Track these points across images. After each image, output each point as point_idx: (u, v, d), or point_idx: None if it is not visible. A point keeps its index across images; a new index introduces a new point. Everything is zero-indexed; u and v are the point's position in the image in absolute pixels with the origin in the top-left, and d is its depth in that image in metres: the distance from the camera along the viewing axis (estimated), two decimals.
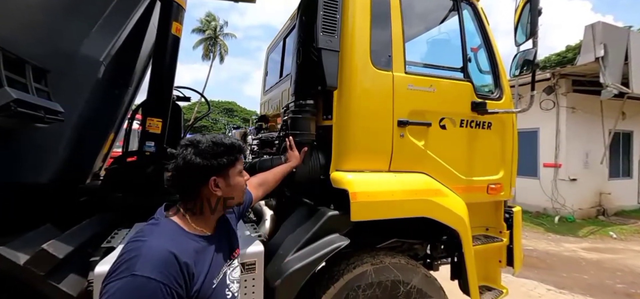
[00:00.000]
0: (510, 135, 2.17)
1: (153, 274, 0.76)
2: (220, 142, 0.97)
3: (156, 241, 0.83)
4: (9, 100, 1.05)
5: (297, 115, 1.81)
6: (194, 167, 0.92)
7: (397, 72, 1.81)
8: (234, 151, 1.00)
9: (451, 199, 1.87)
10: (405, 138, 1.83)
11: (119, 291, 0.74)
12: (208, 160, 0.93)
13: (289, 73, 2.28)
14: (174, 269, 0.80)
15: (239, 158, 1.02)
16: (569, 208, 7.33)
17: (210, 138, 0.97)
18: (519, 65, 1.88)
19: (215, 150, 0.95)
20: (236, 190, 1.01)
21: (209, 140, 0.96)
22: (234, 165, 1.00)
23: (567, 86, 7.51)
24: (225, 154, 0.97)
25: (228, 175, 0.98)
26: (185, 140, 0.98)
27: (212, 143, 0.96)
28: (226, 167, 0.97)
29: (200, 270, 0.88)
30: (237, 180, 1.01)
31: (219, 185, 0.96)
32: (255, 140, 3.08)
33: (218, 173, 0.96)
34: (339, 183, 1.69)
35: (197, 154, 0.93)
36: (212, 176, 0.95)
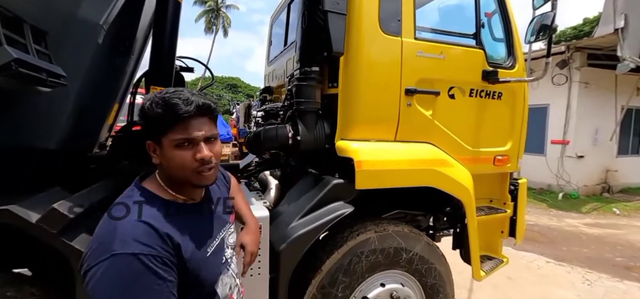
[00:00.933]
0: (521, 106, 2.11)
1: (137, 249, 0.68)
2: (159, 100, 0.78)
3: (131, 211, 0.74)
4: (9, 59, 1.03)
5: (302, 82, 1.77)
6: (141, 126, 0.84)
7: (406, 38, 1.74)
8: (170, 113, 0.77)
9: (457, 169, 1.85)
10: (413, 107, 1.79)
11: (105, 276, 0.66)
12: (144, 120, 0.81)
13: (294, 41, 2.21)
14: (154, 239, 0.72)
15: (174, 126, 0.78)
16: (574, 184, 7.31)
17: (159, 94, 0.80)
18: (535, 30, 1.79)
19: (150, 109, 0.78)
20: (173, 164, 0.81)
21: (156, 97, 0.79)
22: (166, 134, 0.79)
23: (582, 60, 7.23)
24: (158, 116, 0.77)
25: (161, 144, 0.80)
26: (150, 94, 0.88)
27: (158, 99, 0.78)
28: (158, 134, 0.80)
29: (186, 239, 0.79)
30: (173, 153, 0.80)
31: (156, 152, 0.82)
32: (260, 111, 3.06)
33: (151, 137, 0.81)
34: (344, 152, 1.68)
35: (140, 112, 0.81)
36: (147, 139, 0.82)
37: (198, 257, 0.82)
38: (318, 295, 1.59)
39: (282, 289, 1.50)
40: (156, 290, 0.69)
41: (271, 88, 3.14)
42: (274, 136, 1.81)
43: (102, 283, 0.66)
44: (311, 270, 1.64)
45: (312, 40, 1.76)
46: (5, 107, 1.32)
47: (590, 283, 3.41)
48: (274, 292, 1.52)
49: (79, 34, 1.65)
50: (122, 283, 0.66)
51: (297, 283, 1.62)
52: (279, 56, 2.90)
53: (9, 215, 1.05)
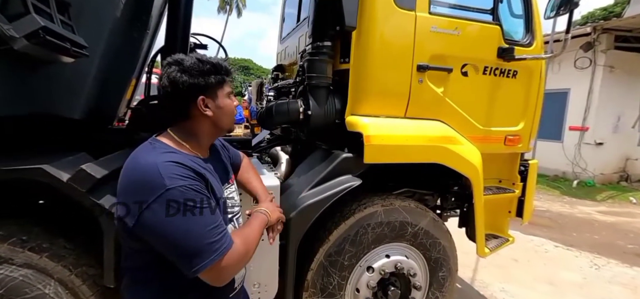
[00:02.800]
0: (537, 85, 2.06)
1: (183, 182, 0.79)
2: (206, 59, 0.92)
3: (162, 158, 0.82)
4: (37, 27, 1.09)
5: (314, 57, 1.78)
6: (181, 85, 0.88)
7: (420, 12, 1.71)
8: (221, 71, 0.94)
9: (466, 147, 1.86)
10: (424, 83, 1.78)
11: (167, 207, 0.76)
12: (195, 78, 0.89)
13: (307, 17, 2.20)
14: (192, 173, 0.82)
15: (227, 79, 0.97)
16: (591, 172, 7.11)
17: (195, 56, 0.91)
18: (555, 5, 1.73)
19: (201, 68, 0.90)
20: (226, 112, 0.97)
21: (194, 58, 0.91)
22: (222, 86, 0.95)
23: (609, 42, 6.84)
24: (212, 73, 0.91)
25: (216, 95, 0.94)
26: (168, 58, 0.92)
27: (198, 60, 0.90)
28: (214, 87, 0.93)
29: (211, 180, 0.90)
30: (226, 102, 0.97)
31: (209, 106, 0.93)
32: (271, 89, 3.09)
33: (206, 92, 0.91)
34: (354, 127, 1.71)
35: (183, 71, 0.88)
36: (201, 95, 0.90)
37: (218, 197, 0.92)
38: (325, 262, 1.68)
39: (291, 256, 1.59)
40: (208, 206, 0.82)
41: (283, 66, 3.15)
42: (286, 110, 1.85)
43: (163, 213, 0.77)
44: (319, 239, 1.71)
45: (325, 14, 1.76)
46: (33, 75, 1.40)
47: (597, 267, 3.40)
48: (283, 258, 1.61)
49: (98, 6, 1.70)
50: (183, 207, 0.78)
51: (306, 250, 1.70)
52: (292, 33, 2.89)
53: (43, 173, 1.14)
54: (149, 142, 0.93)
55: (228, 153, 1.24)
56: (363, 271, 1.76)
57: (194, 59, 0.90)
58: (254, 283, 1.48)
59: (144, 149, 0.89)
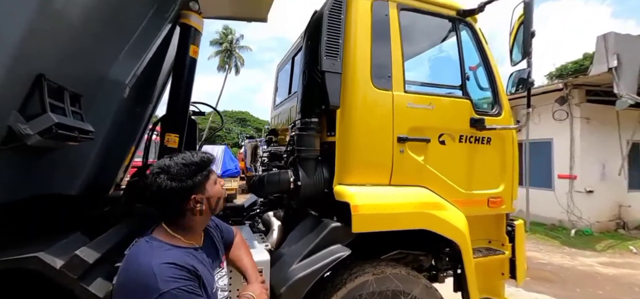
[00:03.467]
0: (510, 149, 2.22)
1: (177, 285, 0.86)
2: (190, 161, 1.02)
3: (158, 258, 0.89)
4: (51, 124, 1.22)
5: (302, 132, 1.94)
6: (171, 192, 0.97)
7: (396, 91, 1.92)
8: (206, 165, 1.06)
9: (451, 212, 1.93)
10: (405, 153, 1.92)
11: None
12: (183, 182, 0.98)
13: (297, 91, 2.42)
14: (185, 273, 0.90)
15: (211, 170, 1.09)
16: (586, 221, 7.11)
17: (180, 160, 1.02)
18: (514, 83, 1.96)
19: (187, 171, 1.00)
20: (215, 198, 1.09)
21: (179, 163, 1.01)
22: (208, 179, 1.06)
23: (581, 96, 7.38)
24: (198, 172, 1.02)
25: (205, 189, 1.04)
26: (155, 166, 1.02)
27: (183, 165, 1.01)
28: (203, 183, 1.04)
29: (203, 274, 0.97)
30: (215, 189, 1.08)
31: (199, 201, 1.02)
32: (266, 152, 3.23)
33: (195, 191, 1.01)
34: (342, 196, 1.79)
35: (171, 179, 0.97)
36: (191, 195, 1.00)
37: (209, 292, 0.99)
38: None
39: None
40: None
41: (276, 131, 3.34)
42: (277, 181, 1.94)
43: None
44: None
45: (312, 95, 1.95)
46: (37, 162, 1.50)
47: None
48: None
49: (108, 93, 1.88)
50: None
51: None
52: (284, 102, 3.12)
53: (38, 262, 1.17)
54: (145, 240, 1.00)
55: (221, 233, 1.29)
56: None
57: (180, 165, 1.01)
58: None
59: (142, 249, 0.96)
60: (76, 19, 1.31)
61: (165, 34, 2.34)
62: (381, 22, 1.92)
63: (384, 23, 1.93)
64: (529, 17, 1.81)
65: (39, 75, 1.23)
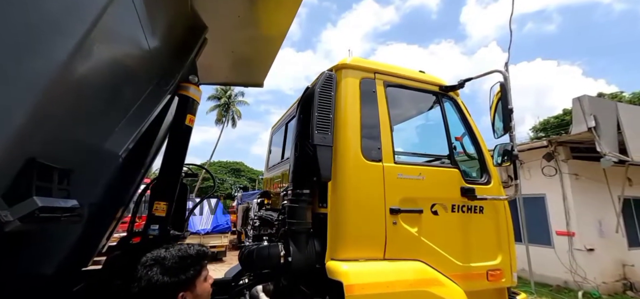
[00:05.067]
0: (504, 218, 2.21)
1: None
2: (186, 254, 1.02)
3: None
4: (34, 209, 1.18)
5: (294, 204, 1.92)
6: (162, 287, 0.94)
7: (386, 163, 1.96)
8: (201, 259, 1.05)
9: (449, 288, 1.84)
10: (398, 225, 1.89)
11: None
12: (176, 276, 0.96)
13: (289, 158, 2.46)
14: None
15: (205, 264, 1.06)
16: (592, 282, 6.81)
17: (176, 252, 1.01)
18: (500, 154, 2.02)
19: (182, 264, 0.99)
20: (205, 293, 1.05)
21: (175, 255, 1.00)
22: (200, 275, 1.04)
23: (567, 153, 7.61)
24: (192, 266, 1.01)
25: (195, 286, 1.01)
26: (149, 258, 0.99)
27: (179, 258, 0.99)
28: (194, 279, 1.01)
29: None
30: (204, 287, 1.05)
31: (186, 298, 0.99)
32: (257, 215, 3.16)
33: (185, 287, 0.98)
34: (334, 274, 1.71)
35: (164, 272, 0.96)
36: (180, 291, 0.97)
37: None
38: None
39: None
40: None
41: (269, 193, 3.31)
42: (267, 255, 1.87)
43: None
44: None
45: (303, 167, 1.98)
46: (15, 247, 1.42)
47: None
48: None
49: (99, 165, 1.87)
50: None
51: None
52: (277, 166, 3.15)
53: None
54: None
55: None
56: None
57: (176, 257, 1.00)
58: None
59: None
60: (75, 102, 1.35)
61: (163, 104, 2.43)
62: (369, 98, 2.04)
63: (372, 98, 2.05)
64: (505, 96, 1.94)
65: (30, 159, 1.23)
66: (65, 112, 1.33)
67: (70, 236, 1.88)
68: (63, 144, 1.44)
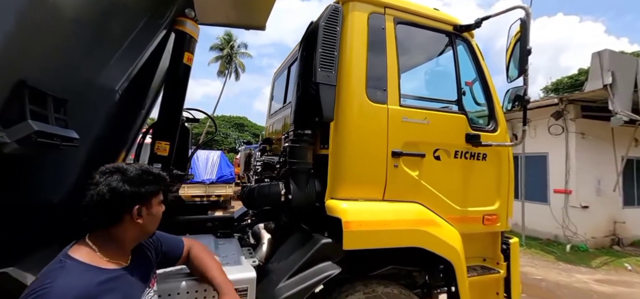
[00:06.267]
0: (506, 166, 2.19)
1: None
2: (148, 171, 1.02)
3: (63, 283, 0.81)
4: (30, 132, 1.17)
5: (295, 144, 1.90)
6: (121, 194, 0.92)
7: (391, 106, 1.89)
8: (161, 181, 1.05)
9: (445, 229, 1.89)
10: (399, 168, 1.88)
11: None
12: (136, 187, 0.95)
13: (291, 102, 2.39)
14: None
15: (162, 189, 1.06)
16: (581, 236, 7.09)
17: (139, 167, 1.00)
18: (511, 100, 1.94)
19: (143, 178, 0.98)
20: (156, 219, 1.05)
21: (138, 169, 0.99)
22: (157, 195, 1.04)
23: (576, 112, 7.42)
24: (153, 183, 1.01)
25: (151, 204, 1.01)
26: (109, 167, 0.97)
27: (142, 172, 0.99)
28: (151, 196, 1.00)
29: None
30: (157, 209, 1.04)
31: (142, 213, 0.98)
32: (259, 161, 3.18)
33: (143, 201, 0.97)
34: (333, 211, 1.74)
35: (125, 181, 0.94)
36: (137, 204, 0.96)
37: None
38: None
39: None
40: None
41: (271, 140, 3.30)
42: (267, 193, 1.89)
43: None
44: None
45: (305, 107, 1.92)
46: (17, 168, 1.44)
47: None
48: None
49: (96, 98, 1.83)
50: None
51: None
52: (279, 112, 3.09)
53: (7, 279, 1.11)
54: (59, 259, 0.90)
55: (160, 247, 1.21)
56: None
57: (139, 170, 0.99)
58: None
59: (51, 272, 0.85)
60: (63, 24, 1.27)
61: (160, 40, 2.31)
62: (377, 35, 1.91)
63: (380, 36, 1.91)
64: (525, 35, 1.80)
65: (20, 82, 1.18)
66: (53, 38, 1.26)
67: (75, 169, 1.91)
68: (54, 72, 1.38)
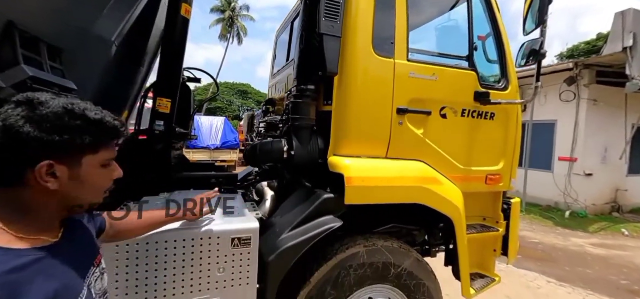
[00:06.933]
0: (514, 126, 2.14)
1: None
2: (80, 112, 0.65)
3: None
4: (25, 77, 1.14)
5: (298, 99, 1.85)
6: (20, 139, 0.60)
7: (398, 60, 1.80)
8: (106, 133, 0.69)
9: (447, 187, 1.89)
10: (404, 125, 1.85)
11: None
12: (46, 133, 0.61)
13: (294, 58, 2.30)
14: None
15: (110, 146, 0.72)
16: (582, 203, 7.16)
17: (67, 103, 0.65)
18: (525, 54, 1.84)
19: (64, 121, 0.63)
20: (90, 186, 0.71)
21: (63, 106, 0.64)
22: (96, 151, 0.69)
23: (590, 77, 7.15)
24: (85, 133, 0.65)
25: (78, 163, 0.67)
26: (24, 95, 0.64)
27: (65, 110, 0.64)
28: (78, 151, 0.66)
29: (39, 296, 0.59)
30: (94, 173, 0.70)
31: (56, 174, 0.64)
32: (262, 122, 3.15)
33: (57, 156, 0.63)
34: (336, 167, 1.74)
35: (32, 120, 0.61)
36: (46, 159, 0.62)
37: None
38: None
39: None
40: None
41: (274, 100, 3.24)
42: (270, 149, 1.88)
43: None
44: (300, 281, 1.69)
45: (309, 60, 1.84)
46: None
47: None
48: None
49: (92, 49, 1.77)
50: None
51: (286, 294, 1.67)
52: (282, 70, 3.00)
53: None
54: None
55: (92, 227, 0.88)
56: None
57: (61, 108, 0.64)
58: None
59: None
60: None
61: None
62: None
63: None
64: None
65: (8, 23, 1.13)
66: None
67: None
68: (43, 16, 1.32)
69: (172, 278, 1.31)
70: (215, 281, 1.37)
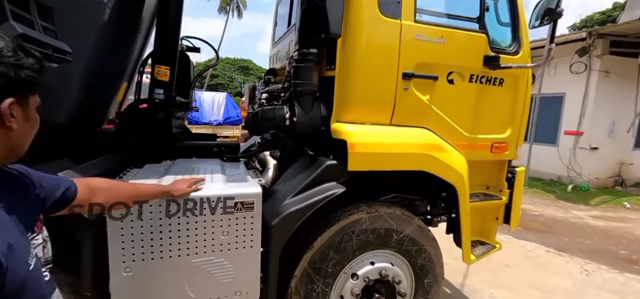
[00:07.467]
0: (523, 93, 2.07)
1: None
2: (30, 50, 0.64)
3: None
4: (15, 34, 1.09)
5: (300, 64, 1.79)
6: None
7: (405, 21, 1.71)
8: (42, 69, 0.66)
9: (451, 155, 1.86)
10: (409, 91, 1.79)
11: None
12: (9, 69, 0.58)
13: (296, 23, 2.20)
14: None
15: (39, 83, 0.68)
16: (586, 177, 7.13)
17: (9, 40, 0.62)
18: (539, 15, 1.74)
19: (21, 58, 0.61)
20: (32, 130, 0.69)
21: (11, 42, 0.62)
22: (36, 92, 0.67)
23: (604, 48, 6.87)
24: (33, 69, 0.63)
25: (28, 103, 0.65)
26: None
27: (18, 46, 0.62)
28: (28, 89, 0.64)
29: None
30: (35, 116, 0.69)
31: (15, 114, 0.62)
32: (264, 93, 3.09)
33: (18, 93, 0.61)
34: (339, 134, 1.71)
35: None
36: (10, 96, 0.60)
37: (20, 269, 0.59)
38: (309, 270, 1.67)
39: (273, 263, 1.58)
40: None
41: (275, 70, 3.15)
42: (271, 116, 1.85)
43: None
44: (303, 246, 1.71)
45: (311, 22, 1.76)
46: None
47: (588, 273, 3.40)
48: (265, 266, 1.60)
49: (84, 11, 1.70)
50: None
51: (290, 257, 1.70)
52: (283, 37, 2.89)
53: None
54: None
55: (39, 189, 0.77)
56: (347, 278, 1.76)
57: (14, 43, 0.61)
58: (236, 290, 1.47)
59: None
60: None
61: None
62: None
63: None
64: None
65: None
66: None
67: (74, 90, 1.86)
68: None
69: (177, 240, 1.32)
70: (219, 244, 1.39)
